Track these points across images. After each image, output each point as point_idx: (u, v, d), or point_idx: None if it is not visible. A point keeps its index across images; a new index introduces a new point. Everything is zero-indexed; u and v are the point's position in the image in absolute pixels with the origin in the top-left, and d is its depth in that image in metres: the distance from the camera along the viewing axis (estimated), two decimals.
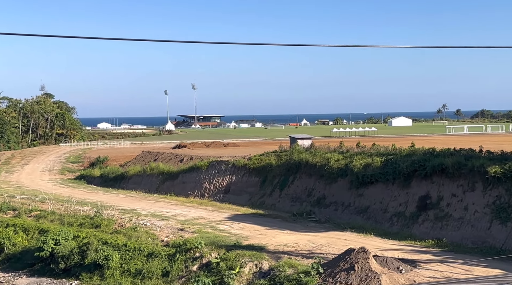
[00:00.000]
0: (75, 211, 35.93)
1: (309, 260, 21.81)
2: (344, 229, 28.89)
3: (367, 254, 19.34)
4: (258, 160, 43.81)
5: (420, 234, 27.24)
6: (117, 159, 70.13)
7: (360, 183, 33.43)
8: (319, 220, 32.35)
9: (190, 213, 35.54)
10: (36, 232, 32.52)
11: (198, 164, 49.03)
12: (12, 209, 38.65)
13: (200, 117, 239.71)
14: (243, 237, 27.25)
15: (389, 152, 35.81)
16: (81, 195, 46.66)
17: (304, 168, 39.23)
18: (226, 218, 33.29)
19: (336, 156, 37.60)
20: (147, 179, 53.48)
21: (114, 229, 30.59)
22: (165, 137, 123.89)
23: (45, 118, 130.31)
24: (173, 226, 30.86)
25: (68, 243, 28.84)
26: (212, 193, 44.96)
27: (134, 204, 40.56)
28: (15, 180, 62.01)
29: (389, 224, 29.89)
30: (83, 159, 76.92)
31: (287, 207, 37.06)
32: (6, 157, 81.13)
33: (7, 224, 34.71)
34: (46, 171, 69.31)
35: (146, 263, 25.90)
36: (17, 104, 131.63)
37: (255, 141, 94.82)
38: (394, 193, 31.35)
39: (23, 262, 30.41)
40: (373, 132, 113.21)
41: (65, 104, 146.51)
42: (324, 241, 25.57)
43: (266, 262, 22.64)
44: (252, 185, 42.41)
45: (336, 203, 34.58)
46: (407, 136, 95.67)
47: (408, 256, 21.75)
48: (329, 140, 60.18)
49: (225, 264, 23.22)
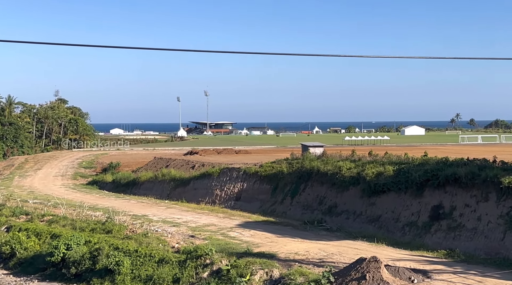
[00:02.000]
0: (87, 216, 36.10)
1: (320, 269, 21.68)
2: (356, 238, 28.70)
3: (379, 263, 19.18)
4: (270, 167, 43.76)
5: (432, 244, 26.98)
6: (129, 165, 70.50)
7: (372, 191, 33.25)
8: (330, 229, 32.19)
9: (201, 220, 35.55)
10: (48, 237, 32.69)
11: (210, 171, 49.09)
12: (25, 214, 38.93)
13: (212, 124, 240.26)
14: (254, 244, 27.19)
15: (402, 161, 35.61)
16: (93, 201, 46.90)
17: (316, 176, 39.11)
18: (237, 225, 33.24)
19: (348, 165, 37.45)
20: (159, 185, 53.63)
21: (125, 235, 30.65)
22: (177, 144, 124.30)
23: (59, 123, 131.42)
24: (184, 233, 30.88)
25: (79, 248, 28.95)
26: (223, 200, 44.96)
27: (145, 210, 40.67)
28: (28, 184, 62.50)
29: (401, 233, 29.65)
30: (95, 164, 77.41)
31: (298, 215, 36.94)
32: (19, 162, 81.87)
33: (19, 229, 34.95)
34: (59, 176, 69.81)
35: (157, 269, 25.90)
36: (31, 109, 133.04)
37: (266, 148, 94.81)
38: (407, 202, 31.12)
39: (34, 267, 30.55)
40: (386, 141, 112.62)
41: (79, 110, 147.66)
42: (335, 250, 25.42)
43: (277, 270, 22.54)
44: (263, 192, 42.34)
45: (348, 211, 34.40)
46: (420, 145, 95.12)
47: (420, 266, 21.55)
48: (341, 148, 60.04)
49: (236, 271, 23.15)
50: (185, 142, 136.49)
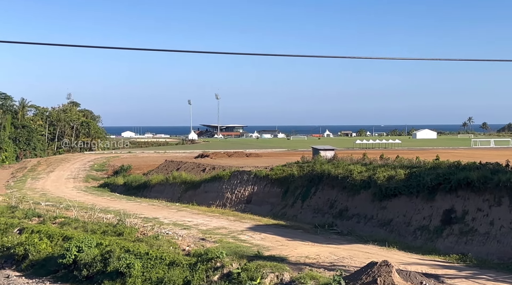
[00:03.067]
0: (98, 219, 36.27)
1: (331, 273, 21.62)
2: (367, 241, 28.59)
3: (390, 267, 19.09)
4: (280, 170, 43.74)
5: (444, 248, 26.81)
6: (141, 168, 70.81)
7: (383, 195, 33.12)
8: (341, 232, 32.10)
9: (212, 223, 35.60)
10: (60, 239, 32.89)
11: (220, 174, 49.17)
12: (37, 216, 39.20)
13: (223, 127, 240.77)
14: (264, 247, 27.17)
15: (413, 165, 35.43)
16: (105, 203, 47.14)
17: (327, 179, 39.02)
18: (248, 228, 33.25)
19: (359, 168, 37.33)
20: (170, 188, 53.79)
21: (136, 237, 30.77)
22: (188, 147, 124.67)
23: (71, 126, 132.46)
24: (195, 236, 30.94)
25: (91, 250, 29.10)
26: (234, 203, 45.00)
27: (156, 212, 40.82)
28: (40, 187, 62.99)
29: (413, 237, 29.49)
30: (107, 167, 77.84)
31: (309, 219, 36.88)
32: (32, 164, 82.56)
33: (32, 231, 35.20)
34: (71, 179, 70.29)
35: (168, 272, 25.96)
36: (44, 112, 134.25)
37: (277, 151, 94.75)
38: (418, 206, 30.96)
39: (46, 269, 30.76)
40: (397, 145, 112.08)
41: (91, 113, 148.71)
42: (346, 254, 25.34)
43: (287, 273, 22.51)
44: (274, 195, 42.32)
45: (359, 215, 34.28)
46: (432, 149, 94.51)
47: (432, 271, 21.41)
48: (352, 152, 59.79)
49: (246, 274, 23.15)
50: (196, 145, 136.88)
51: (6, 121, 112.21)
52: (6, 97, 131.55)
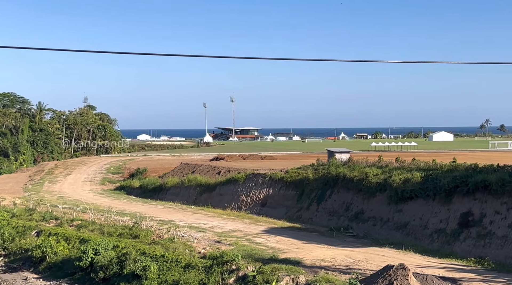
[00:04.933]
0: (114, 222, 36.54)
1: (347, 276, 21.52)
2: (383, 245, 28.42)
3: (407, 271, 18.94)
4: (295, 173, 43.67)
5: (461, 252, 26.54)
6: (156, 171, 71.17)
7: (399, 198, 32.90)
8: (356, 235, 31.95)
9: (227, 226, 35.65)
10: (77, 242, 33.20)
11: (236, 176, 49.23)
12: (55, 219, 39.61)
13: (238, 130, 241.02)
14: (279, 250, 27.14)
15: (430, 167, 35.16)
16: (121, 206, 47.46)
17: (342, 182, 38.87)
18: (263, 231, 33.24)
19: (374, 171, 37.14)
20: (185, 190, 53.99)
21: (152, 240, 30.93)
22: (203, 149, 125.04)
23: (87, 129, 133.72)
24: (210, 238, 31.01)
25: (107, 253, 29.32)
26: (249, 205, 45.02)
27: (172, 215, 40.99)
28: (57, 190, 63.61)
29: (429, 241, 29.24)
30: (123, 170, 78.34)
31: (324, 222, 36.75)
32: (49, 168, 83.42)
33: (49, 233, 35.59)
34: (88, 182, 70.89)
35: (183, 274, 26.05)
36: (61, 115, 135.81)
37: (292, 154, 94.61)
38: (435, 209, 30.70)
39: (64, 271, 31.05)
40: (413, 147, 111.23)
41: (107, 116, 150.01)
42: (362, 257, 25.20)
43: (303, 276, 22.45)
44: (289, 198, 42.26)
45: (375, 218, 34.09)
46: (448, 151, 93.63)
47: (449, 275, 21.21)
48: (368, 154, 59.57)
49: (262, 277, 23.13)
50: (211, 148, 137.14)
51: (24, 125, 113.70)
52: (24, 101, 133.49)
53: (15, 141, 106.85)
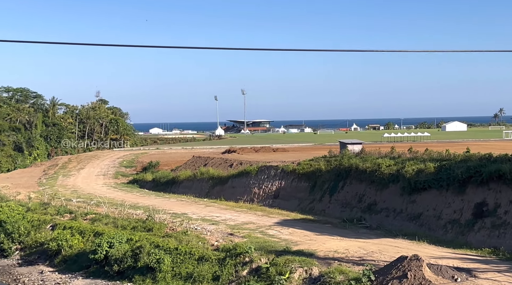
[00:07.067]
0: (128, 215, 36.79)
1: (360, 267, 21.50)
2: (396, 236, 28.33)
3: (421, 262, 18.88)
4: (308, 165, 43.60)
5: (476, 242, 26.37)
6: (169, 164, 71.41)
7: (413, 189, 32.74)
8: (370, 227, 31.89)
9: (240, 218, 35.75)
10: (91, 235, 33.50)
11: (248, 169, 49.27)
12: (69, 212, 39.98)
13: (249, 122, 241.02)
14: (292, 242, 27.18)
15: (443, 158, 34.90)
16: (134, 199, 47.76)
17: (354, 173, 38.75)
18: (276, 223, 33.29)
19: (387, 162, 36.96)
20: (198, 183, 54.17)
21: (165, 233, 31.11)
22: (215, 142, 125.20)
23: (100, 123, 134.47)
24: (223, 231, 31.12)
25: (121, 246, 29.55)
26: (261, 198, 45.06)
27: (185, 208, 41.18)
28: (71, 184, 64.15)
29: (443, 231, 29.09)
30: (135, 163, 78.73)
31: (337, 213, 36.71)
32: (63, 162, 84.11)
33: (64, 227, 35.95)
34: (101, 175, 71.37)
35: (197, 267, 26.21)
36: (73, 110, 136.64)
37: (304, 146, 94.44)
38: (448, 199, 30.51)
39: (79, 264, 31.36)
40: (426, 138, 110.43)
41: (119, 110, 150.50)
42: (375, 248, 25.15)
43: (316, 268, 22.47)
44: (302, 190, 42.23)
45: (388, 209, 33.98)
46: (462, 141, 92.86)
47: (464, 265, 21.10)
48: (380, 146, 59.16)
49: (275, 269, 23.20)
50: (223, 140, 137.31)
51: (38, 120, 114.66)
52: (37, 96, 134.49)
53: (29, 136, 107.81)
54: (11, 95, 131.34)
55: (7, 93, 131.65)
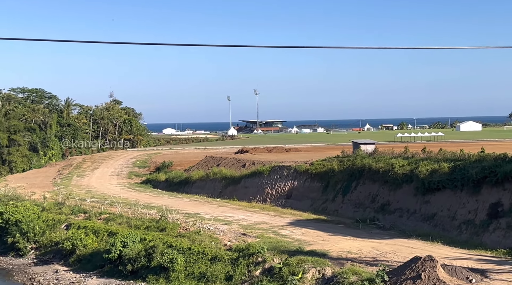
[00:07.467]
0: (141, 215, 36.99)
1: (373, 268, 21.42)
2: (410, 236, 28.17)
3: (435, 262, 18.77)
4: (320, 165, 43.49)
5: (491, 243, 26.12)
6: (182, 164, 71.63)
7: (426, 189, 32.52)
8: (383, 227, 31.74)
9: (253, 218, 35.77)
10: (105, 235, 33.73)
11: (260, 169, 49.27)
12: (83, 212, 40.28)
13: (262, 123, 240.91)
14: (305, 242, 27.14)
15: (457, 158, 34.61)
16: (147, 199, 48.00)
17: (367, 173, 38.58)
18: (288, 223, 33.26)
19: (400, 162, 36.75)
20: (210, 183, 54.28)
21: (178, 233, 31.24)
22: (227, 142, 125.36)
23: (114, 124, 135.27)
24: (236, 231, 31.16)
25: (135, 245, 29.72)
26: (274, 198, 45.04)
27: (197, 208, 41.30)
28: (85, 184, 64.60)
29: (458, 232, 28.86)
30: (149, 164, 79.08)
31: (350, 213, 36.58)
32: (77, 162, 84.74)
33: (78, 226, 36.24)
34: (115, 175, 71.79)
35: (210, 266, 26.28)
36: (88, 110, 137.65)
37: (317, 146, 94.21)
38: (463, 200, 30.26)
39: (93, 264, 31.60)
40: (440, 137, 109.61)
41: (132, 110, 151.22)
42: (388, 248, 25.04)
43: (329, 268, 22.43)
44: (314, 190, 42.14)
45: (401, 209, 33.79)
46: (477, 141, 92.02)
47: (479, 266, 20.92)
48: (393, 146, 58.81)
49: (288, 269, 23.19)
50: (236, 140, 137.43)
51: (52, 120, 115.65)
52: (52, 97, 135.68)
53: (43, 136, 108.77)
54: (27, 96, 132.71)
55: (22, 94, 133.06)
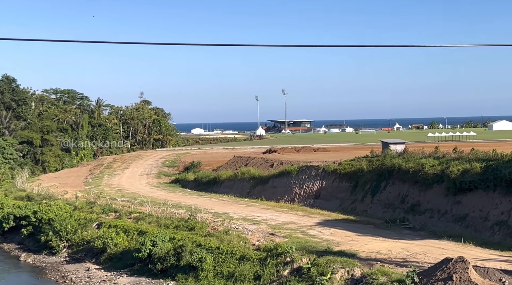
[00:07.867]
0: (170, 214, 37.35)
1: (403, 269, 21.18)
2: (441, 237, 27.75)
3: (466, 264, 18.45)
4: (349, 165, 43.20)
5: None
6: (210, 164, 72.06)
7: (458, 189, 31.99)
8: (413, 228, 31.34)
9: (281, 218, 35.76)
10: (135, 233, 34.20)
11: (288, 169, 49.21)
12: (114, 211, 40.89)
13: (290, 122, 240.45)
14: (334, 243, 27.01)
15: (490, 158, 33.91)
16: (176, 199, 48.44)
17: (397, 173, 38.16)
18: (317, 224, 33.14)
19: (431, 162, 36.23)
20: (239, 183, 54.47)
21: (207, 232, 31.44)
22: (255, 142, 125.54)
23: (143, 124, 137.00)
24: (264, 231, 31.19)
25: (164, 245, 30.05)
26: (302, 198, 44.94)
27: (226, 207, 41.49)
28: (116, 183, 65.56)
29: (490, 233, 28.31)
30: (178, 163, 79.78)
31: (379, 214, 36.23)
32: (108, 162, 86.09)
33: (109, 225, 36.82)
34: (144, 175, 72.67)
35: (238, 266, 26.38)
36: (118, 111, 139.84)
37: (345, 146, 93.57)
38: (496, 200, 29.67)
39: (123, 262, 32.07)
40: (472, 137, 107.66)
41: (162, 111, 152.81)
42: (419, 249, 24.72)
43: (358, 269, 22.27)
44: (343, 190, 41.89)
45: (432, 210, 33.31)
46: (510, 141, 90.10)
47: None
48: (424, 145, 58.02)
49: (316, 269, 23.12)
50: (264, 140, 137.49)
51: (84, 120, 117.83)
52: (83, 98, 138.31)
53: (75, 136, 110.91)
54: (59, 96, 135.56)
55: (55, 95, 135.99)
